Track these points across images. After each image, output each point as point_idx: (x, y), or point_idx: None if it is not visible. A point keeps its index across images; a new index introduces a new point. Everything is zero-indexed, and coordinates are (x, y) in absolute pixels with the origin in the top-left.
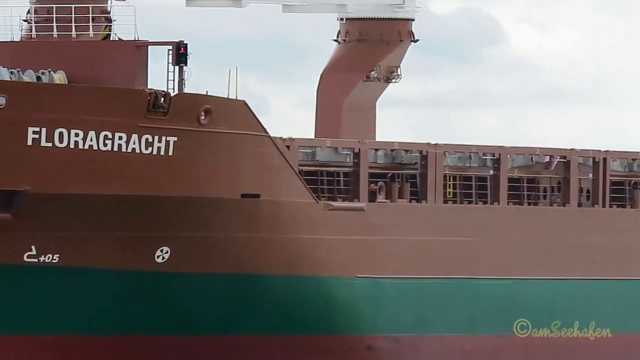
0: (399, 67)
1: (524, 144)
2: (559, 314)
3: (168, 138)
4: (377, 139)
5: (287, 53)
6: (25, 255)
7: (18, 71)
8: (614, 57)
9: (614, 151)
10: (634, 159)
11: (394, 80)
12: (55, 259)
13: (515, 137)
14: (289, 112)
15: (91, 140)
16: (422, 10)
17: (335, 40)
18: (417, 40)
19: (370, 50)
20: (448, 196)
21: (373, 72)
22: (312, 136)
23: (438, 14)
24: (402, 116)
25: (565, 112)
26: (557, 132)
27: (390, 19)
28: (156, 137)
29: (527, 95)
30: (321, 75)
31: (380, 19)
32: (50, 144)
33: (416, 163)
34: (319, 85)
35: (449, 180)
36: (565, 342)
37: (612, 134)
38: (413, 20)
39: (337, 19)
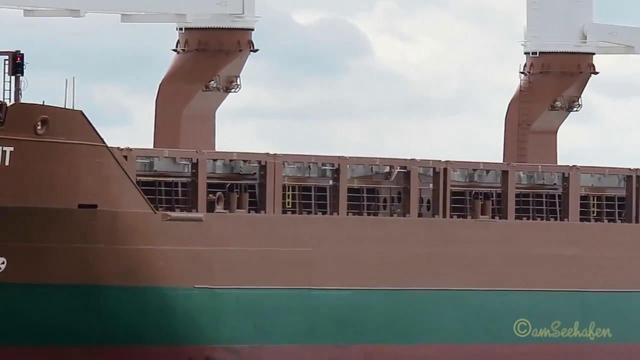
0: (239, 76)
1: (386, 155)
2: (400, 324)
3: (4, 148)
4: (234, 150)
5: (129, 63)
6: None
7: None
8: (477, 67)
9: (455, 161)
10: (474, 170)
11: (233, 90)
12: None
13: (379, 148)
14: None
15: None
16: (286, 21)
17: (175, 50)
18: (256, 50)
19: (210, 60)
20: (287, 206)
21: (212, 82)
22: (151, 146)
23: (302, 24)
24: (264, 127)
25: (429, 123)
26: (422, 142)
27: (230, 28)
28: None
29: (392, 106)
30: (160, 85)
31: (219, 28)
32: None
33: (255, 173)
34: (157, 95)
35: (288, 191)
36: (404, 351)
37: (476, 144)
38: (252, 30)
39: (177, 29)
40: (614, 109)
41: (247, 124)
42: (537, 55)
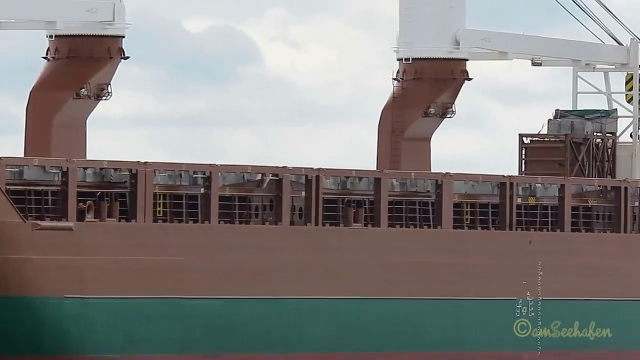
0: (109, 84)
1: (274, 163)
2: (273, 333)
3: None
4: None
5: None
6: None
7: None
8: (367, 74)
9: (327, 169)
10: (347, 177)
11: (104, 98)
12: None
13: (268, 156)
14: None
15: None
16: (175, 29)
17: (45, 58)
18: (127, 57)
19: (80, 68)
20: (158, 215)
21: (83, 90)
22: (22, 155)
23: (192, 32)
24: (155, 135)
25: (320, 131)
26: (313, 150)
27: (100, 35)
28: None
29: (283, 114)
30: (30, 92)
31: (89, 35)
32: None
33: (126, 182)
34: (28, 103)
35: (160, 199)
36: None
37: (365, 152)
38: (123, 37)
39: (47, 36)
40: (504, 114)
41: (139, 131)
42: (410, 61)
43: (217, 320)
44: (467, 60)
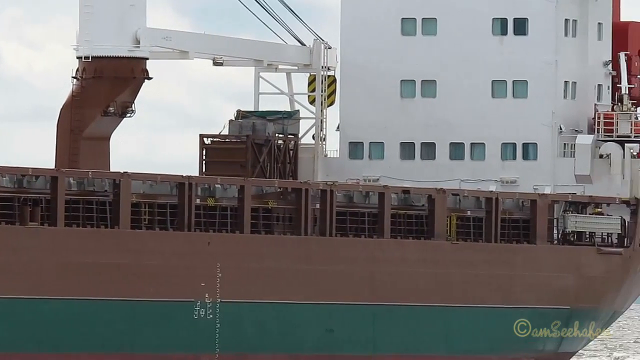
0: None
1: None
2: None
3: None
4: None
5: None
6: None
7: None
8: None
9: (3, 167)
10: (23, 175)
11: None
12: None
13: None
14: None
15: None
16: None
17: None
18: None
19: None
20: None
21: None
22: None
23: None
24: None
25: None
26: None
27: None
28: None
29: (21, 113)
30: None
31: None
32: None
33: None
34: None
35: None
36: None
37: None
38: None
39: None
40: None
41: None
42: (90, 60)
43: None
44: (148, 59)
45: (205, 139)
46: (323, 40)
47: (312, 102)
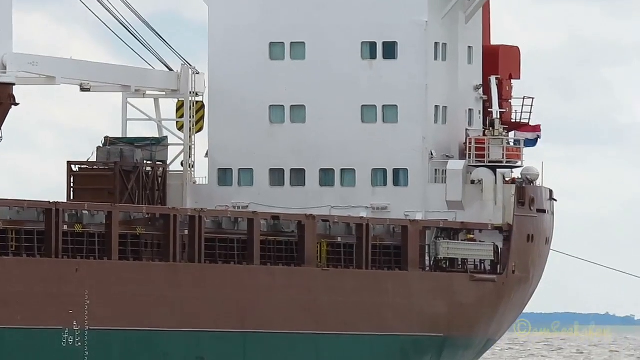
0: None
1: None
2: None
3: None
4: None
5: None
6: None
7: None
8: None
9: None
10: None
11: None
12: None
13: None
14: None
15: None
16: None
17: None
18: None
19: None
20: None
21: None
22: None
23: None
24: None
25: None
26: None
27: None
28: None
29: None
30: None
31: None
32: None
33: None
34: None
35: None
36: None
37: None
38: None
39: None
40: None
41: None
42: None
43: None
44: (14, 84)
45: (72, 166)
46: (191, 65)
47: (180, 128)
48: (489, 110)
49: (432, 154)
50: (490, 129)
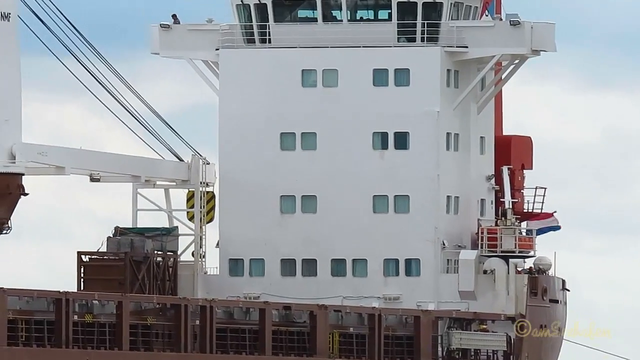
0: None
1: None
2: None
3: None
4: None
5: None
6: None
7: None
8: None
9: None
10: None
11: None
12: None
13: None
14: None
15: None
16: None
17: None
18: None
19: None
20: None
21: None
22: None
23: None
24: None
25: None
26: None
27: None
28: None
29: None
30: None
31: None
32: None
33: None
34: None
35: None
36: None
37: None
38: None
39: None
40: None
41: None
42: None
43: None
44: (24, 174)
45: (83, 256)
46: (201, 156)
47: (191, 218)
48: (501, 200)
49: (444, 244)
50: (503, 218)
